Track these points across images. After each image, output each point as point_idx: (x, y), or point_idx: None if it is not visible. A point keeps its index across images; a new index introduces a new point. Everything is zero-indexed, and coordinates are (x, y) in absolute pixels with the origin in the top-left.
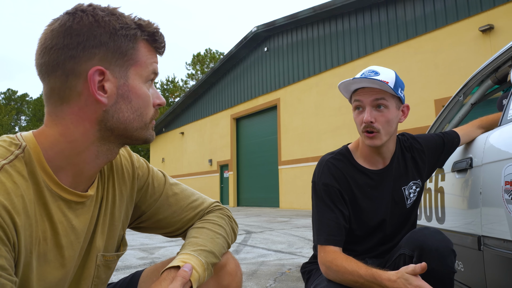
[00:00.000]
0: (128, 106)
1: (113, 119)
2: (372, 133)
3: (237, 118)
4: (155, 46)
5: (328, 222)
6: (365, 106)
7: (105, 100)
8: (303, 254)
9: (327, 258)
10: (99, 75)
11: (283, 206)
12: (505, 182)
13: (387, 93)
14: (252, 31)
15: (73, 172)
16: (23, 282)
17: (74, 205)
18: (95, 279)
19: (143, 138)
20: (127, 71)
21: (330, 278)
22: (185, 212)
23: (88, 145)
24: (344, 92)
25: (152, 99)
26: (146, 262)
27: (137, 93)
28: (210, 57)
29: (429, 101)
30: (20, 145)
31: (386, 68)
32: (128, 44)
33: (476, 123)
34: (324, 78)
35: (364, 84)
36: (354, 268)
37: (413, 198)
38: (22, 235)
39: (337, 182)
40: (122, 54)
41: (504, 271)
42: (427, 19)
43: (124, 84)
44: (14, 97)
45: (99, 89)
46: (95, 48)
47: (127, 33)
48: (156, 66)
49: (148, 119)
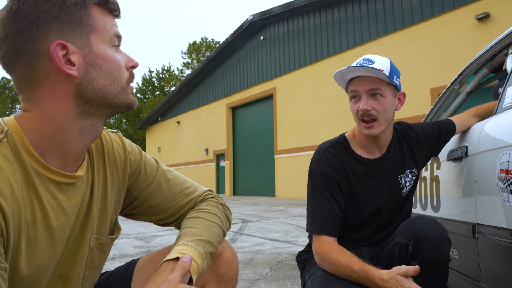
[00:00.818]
0: (100, 73)
1: (88, 90)
2: (369, 122)
3: (233, 107)
4: (108, 8)
5: (323, 212)
6: (361, 95)
7: (76, 73)
8: (299, 242)
9: (321, 248)
10: (62, 49)
11: (279, 195)
12: (500, 170)
13: (383, 82)
14: (248, 20)
15: (59, 152)
16: (12, 265)
17: (64, 187)
18: (89, 262)
19: (124, 104)
20: (88, 38)
21: (324, 268)
22: (177, 198)
23: (70, 123)
24: (340, 82)
25: (123, 62)
26: (143, 251)
27: (105, 57)
28: (206, 46)
29: (425, 90)
30: (2, 129)
31: (381, 56)
32: (80, 12)
33: (472, 112)
34: (320, 67)
35: (359, 72)
36: (347, 262)
37: (408, 187)
38: (10, 220)
39: (335, 171)
40: (78, 23)
41: (498, 258)
42: (423, 7)
43: (89, 52)
44: (9, 85)
45: (66, 63)
46: (49, 23)
47: (75, 1)
48: (116, 28)
49: (123, 83)
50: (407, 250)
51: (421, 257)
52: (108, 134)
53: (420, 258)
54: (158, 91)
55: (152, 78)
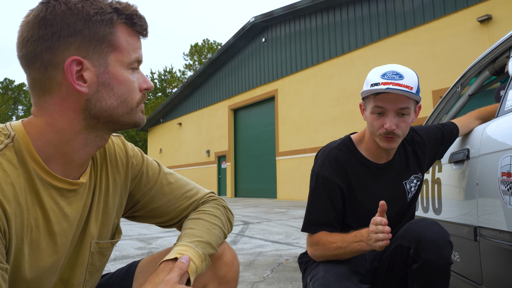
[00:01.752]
0: (110, 93)
1: (96, 108)
2: (390, 137)
3: (234, 109)
4: (136, 29)
5: (320, 215)
6: (387, 112)
7: (85, 90)
8: (300, 244)
9: (313, 239)
10: (77, 65)
11: (280, 197)
12: (501, 173)
13: (411, 100)
14: (250, 22)
15: (63, 160)
16: (15, 269)
17: (66, 193)
18: (89, 266)
19: (131, 123)
20: (107, 58)
21: (317, 256)
22: (179, 201)
23: (76, 134)
24: (367, 93)
25: (138, 84)
26: (144, 252)
27: (118, 79)
28: (208, 48)
29: (426, 92)
30: (9, 134)
31: (408, 68)
32: (104, 29)
33: (474, 114)
34: (322, 69)
35: (397, 92)
36: (336, 237)
37: (413, 192)
38: (13, 223)
39: (338, 176)
40: (100, 41)
41: (499, 261)
42: (425, 9)
43: (104, 72)
44: (11, 86)
45: (78, 79)
46: (70, 37)
47: (102, 18)
48: (139, 51)
49: (134, 104)
50: (408, 253)
51: (422, 259)
52: (110, 138)
53: (422, 261)
54: (160, 93)
55: (154, 79)
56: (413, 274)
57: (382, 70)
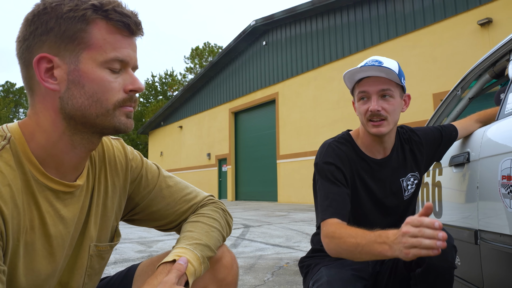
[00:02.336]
0: (81, 91)
1: (68, 106)
2: (378, 121)
3: (235, 112)
4: (114, 25)
5: (335, 197)
6: (370, 95)
7: (56, 87)
8: (301, 248)
9: (329, 229)
10: (48, 63)
11: (281, 200)
12: (502, 176)
13: (392, 83)
14: (250, 25)
15: (54, 163)
16: (10, 270)
17: (62, 195)
18: (88, 269)
19: (109, 126)
20: (79, 56)
21: (331, 250)
22: (178, 204)
23: (60, 135)
24: (348, 82)
25: (121, 84)
26: (144, 255)
27: (89, 77)
28: (209, 51)
29: (427, 95)
30: (5, 136)
31: (390, 59)
32: (76, 26)
33: (474, 117)
34: (323, 72)
35: (371, 72)
36: (356, 232)
37: (411, 190)
38: (9, 224)
39: (341, 162)
40: (71, 38)
41: (500, 265)
42: (426, 12)
43: (74, 69)
44: (13, 89)
45: (49, 76)
46: (44, 35)
47: (75, 15)
48: (122, 50)
49: (109, 105)
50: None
51: (426, 263)
52: (109, 141)
53: (426, 265)
54: (161, 96)
55: (155, 82)
56: (416, 278)
57: (364, 60)
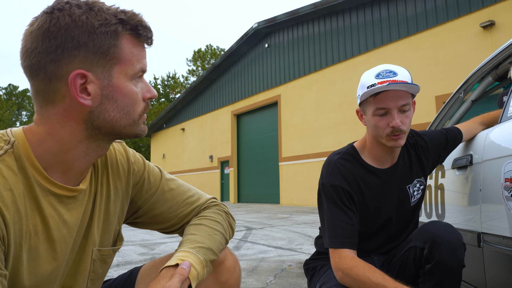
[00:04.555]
0: (114, 105)
1: (99, 119)
2: (397, 135)
3: (237, 114)
4: (141, 39)
5: (342, 225)
6: (390, 111)
7: (89, 103)
8: (303, 250)
9: (344, 264)
10: (81, 78)
11: (283, 203)
12: (505, 179)
13: (409, 95)
14: (253, 27)
15: (63, 168)
16: (13, 275)
17: (65, 200)
18: (91, 274)
19: (132, 134)
20: (111, 70)
21: (346, 284)
22: (181, 207)
23: (76, 143)
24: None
25: (141, 94)
26: (147, 258)
27: (122, 92)
28: (211, 53)
29: (429, 98)
30: (9, 140)
31: (398, 66)
32: (109, 42)
33: (478, 120)
34: (325, 75)
35: (398, 87)
36: (379, 281)
37: (417, 196)
38: (11, 229)
39: (348, 183)
40: (104, 53)
41: (503, 268)
42: (428, 15)
43: (108, 85)
44: (15, 92)
45: (82, 91)
46: (75, 50)
47: (107, 30)
48: (143, 61)
49: (136, 116)
50: (422, 254)
51: (436, 260)
52: (112, 144)
53: (435, 261)
54: (163, 98)
55: (157, 85)
56: (425, 275)
57: (375, 71)
